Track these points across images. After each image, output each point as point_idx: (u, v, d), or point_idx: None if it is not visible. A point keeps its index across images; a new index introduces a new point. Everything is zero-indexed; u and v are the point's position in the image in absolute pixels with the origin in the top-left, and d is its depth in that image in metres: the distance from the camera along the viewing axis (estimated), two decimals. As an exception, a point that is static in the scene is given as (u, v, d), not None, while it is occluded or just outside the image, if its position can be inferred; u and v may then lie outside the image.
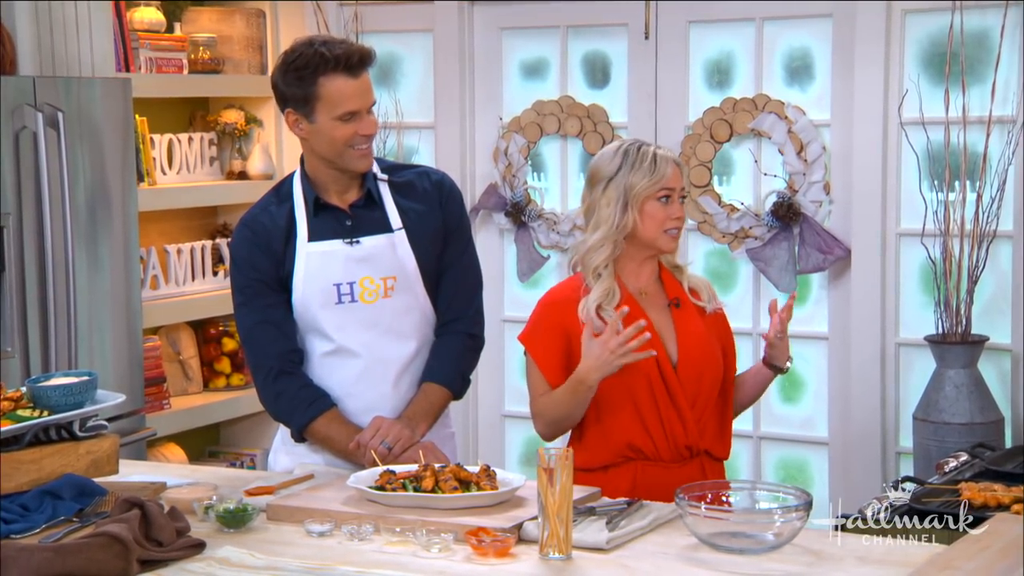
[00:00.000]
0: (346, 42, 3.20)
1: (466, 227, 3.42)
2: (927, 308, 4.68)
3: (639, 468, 3.22)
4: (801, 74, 4.91)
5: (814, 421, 4.98)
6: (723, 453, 3.31)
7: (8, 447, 2.69)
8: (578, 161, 5.27)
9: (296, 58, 3.15)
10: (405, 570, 2.44)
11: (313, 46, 3.15)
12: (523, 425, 5.42)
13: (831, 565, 2.45)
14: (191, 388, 5.34)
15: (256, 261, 3.25)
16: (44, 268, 4.17)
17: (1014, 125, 4.50)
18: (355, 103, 3.15)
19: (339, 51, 3.14)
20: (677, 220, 3.26)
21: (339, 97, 3.14)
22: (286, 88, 3.18)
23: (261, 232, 3.25)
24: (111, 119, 4.44)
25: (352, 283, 3.24)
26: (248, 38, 5.46)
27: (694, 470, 3.23)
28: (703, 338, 3.26)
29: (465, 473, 2.81)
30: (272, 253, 3.24)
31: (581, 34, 5.23)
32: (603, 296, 3.21)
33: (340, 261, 3.23)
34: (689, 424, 3.21)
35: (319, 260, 3.23)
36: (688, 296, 3.28)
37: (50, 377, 2.86)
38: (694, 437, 3.23)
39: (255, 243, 3.25)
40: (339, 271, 3.23)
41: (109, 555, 2.37)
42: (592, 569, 2.46)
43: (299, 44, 3.19)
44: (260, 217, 3.29)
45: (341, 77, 3.14)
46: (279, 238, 3.24)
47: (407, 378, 3.30)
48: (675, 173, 3.26)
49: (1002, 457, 3.75)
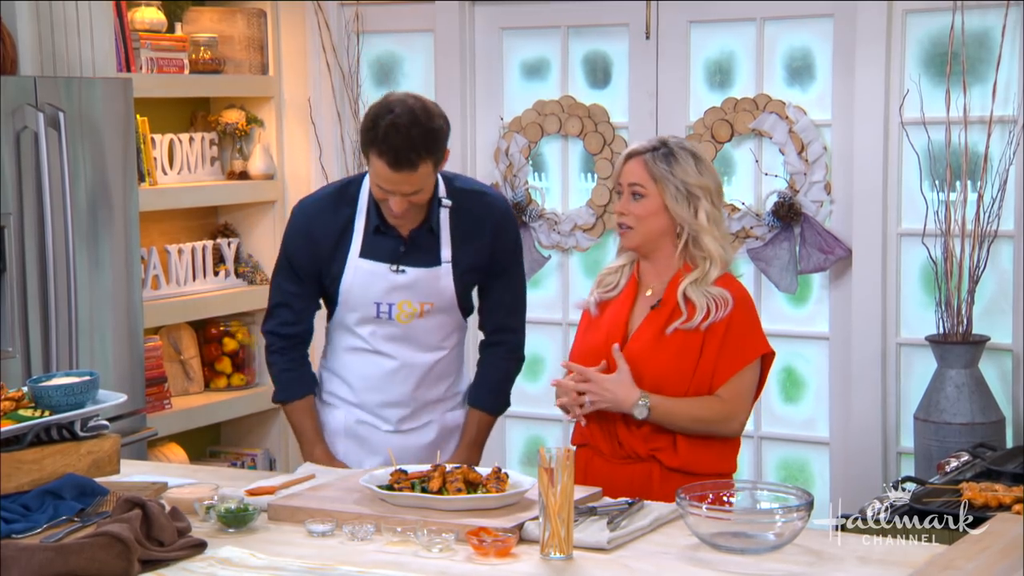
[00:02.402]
0: (408, 137, 3.24)
1: (518, 251, 3.61)
2: (928, 308, 4.68)
3: (588, 458, 3.27)
4: (802, 74, 4.91)
5: (815, 421, 4.98)
6: (682, 464, 3.22)
7: (9, 447, 2.69)
8: (579, 161, 5.28)
9: (371, 116, 3.31)
10: (406, 570, 2.44)
11: (384, 120, 3.26)
12: (524, 425, 5.42)
13: (832, 565, 2.46)
14: (192, 388, 5.34)
15: (299, 252, 3.48)
16: (45, 268, 4.17)
17: (1015, 125, 4.49)
18: (387, 186, 3.30)
19: (389, 143, 3.25)
20: (618, 215, 3.29)
21: (376, 174, 3.31)
22: (360, 128, 3.36)
23: (315, 232, 3.45)
24: (112, 119, 4.44)
25: (392, 304, 3.46)
26: (249, 38, 5.46)
27: (639, 474, 3.22)
28: (654, 342, 3.23)
29: (474, 475, 2.81)
30: (317, 253, 3.45)
31: (582, 34, 5.23)
32: (604, 276, 3.40)
33: (384, 283, 3.44)
34: (629, 421, 3.23)
35: (365, 277, 3.43)
36: (679, 300, 3.25)
37: (51, 377, 2.86)
38: (624, 435, 3.23)
39: (306, 238, 3.46)
40: (381, 292, 3.44)
41: (110, 555, 2.38)
42: (593, 569, 2.47)
43: (388, 103, 3.31)
44: (319, 215, 3.45)
45: (382, 161, 3.26)
46: (330, 244, 3.44)
47: (430, 379, 3.54)
48: (627, 168, 3.28)
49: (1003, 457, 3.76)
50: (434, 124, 3.28)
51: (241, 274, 5.47)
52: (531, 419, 5.40)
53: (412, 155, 3.24)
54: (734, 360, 3.22)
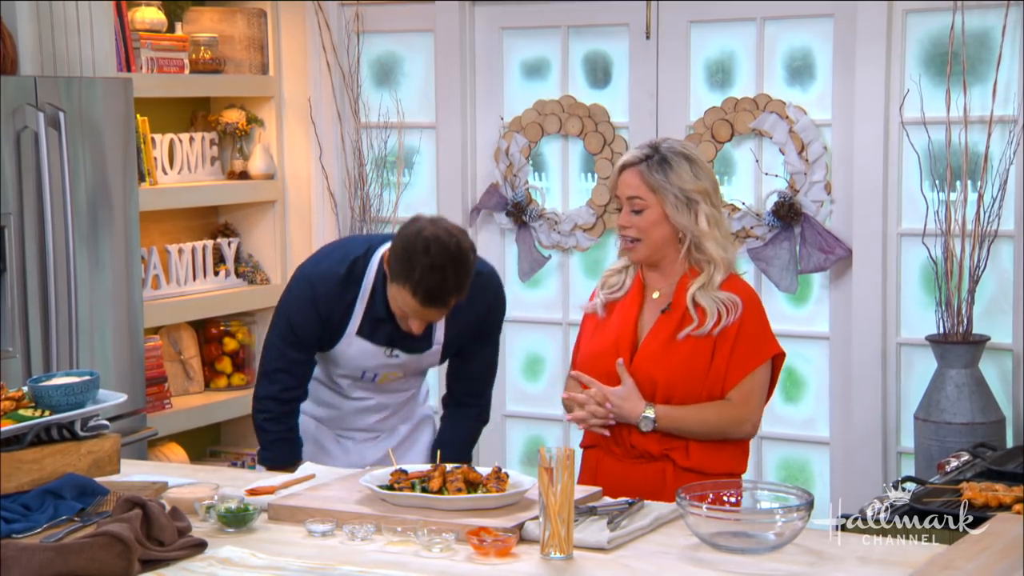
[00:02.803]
0: (444, 280, 3.27)
1: (499, 326, 3.69)
2: (928, 308, 4.68)
3: (600, 457, 3.28)
4: (802, 74, 4.91)
5: (815, 421, 4.98)
6: (694, 464, 3.24)
7: (9, 447, 2.69)
8: (579, 161, 5.27)
9: (409, 249, 3.29)
10: (406, 570, 2.44)
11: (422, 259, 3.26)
12: (524, 425, 5.43)
13: (832, 565, 2.45)
14: (192, 388, 5.34)
15: (307, 324, 3.51)
16: (45, 268, 4.17)
17: (1015, 125, 4.49)
18: (413, 316, 3.37)
19: (425, 286, 3.27)
20: (620, 229, 3.28)
21: (403, 302, 3.35)
22: (393, 245, 3.36)
23: (321, 308, 3.48)
24: (112, 119, 4.44)
25: (377, 373, 3.59)
26: (249, 38, 5.46)
27: (651, 473, 3.23)
28: (665, 346, 3.24)
29: (474, 475, 2.81)
30: (322, 325, 3.51)
31: (582, 34, 5.22)
32: (608, 276, 3.39)
33: (375, 360, 3.55)
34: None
35: (358, 350, 3.55)
36: (688, 305, 3.25)
37: (51, 377, 2.86)
38: (638, 437, 3.24)
39: (314, 310, 3.49)
40: (370, 365, 3.56)
41: (110, 555, 2.37)
42: (593, 569, 2.46)
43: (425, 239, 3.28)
44: (326, 294, 3.48)
45: (415, 300, 3.31)
46: (335, 320, 3.50)
47: (396, 408, 3.73)
48: (623, 180, 3.25)
49: (1003, 457, 3.75)
50: (468, 262, 3.33)
51: (241, 274, 5.47)
52: (531, 419, 5.40)
53: (447, 297, 3.32)
54: (745, 363, 3.23)
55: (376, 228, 5.44)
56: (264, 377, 3.59)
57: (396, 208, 5.48)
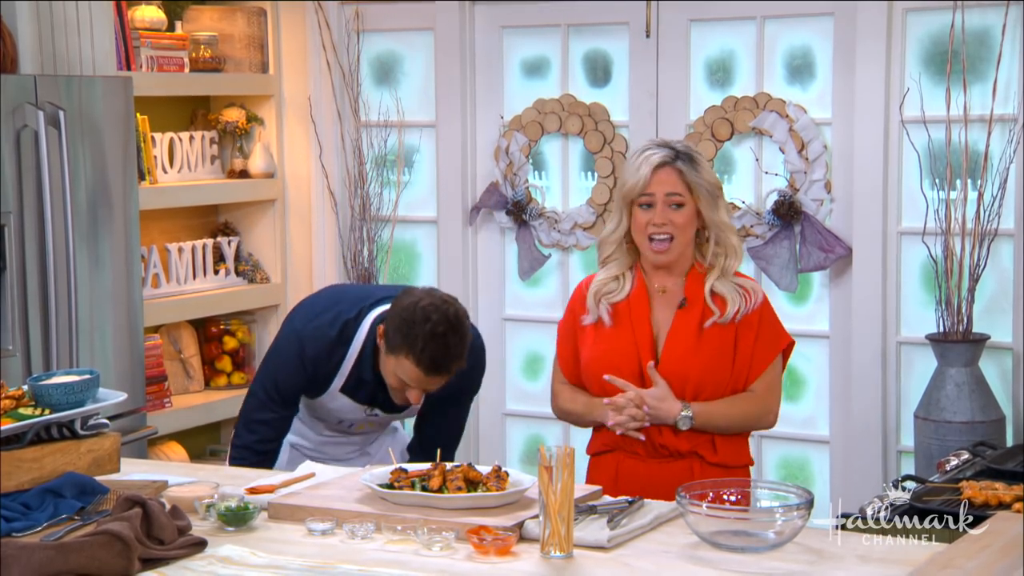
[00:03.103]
0: (446, 347, 3.30)
1: (475, 390, 3.68)
2: (928, 307, 4.67)
3: (620, 460, 3.27)
4: (802, 72, 4.91)
5: (815, 420, 4.98)
6: (722, 459, 3.27)
7: (9, 445, 2.69)
8: (579, 160, 5.27)
9: (407, 320, 3.30)
10: (406, 568, 2.44)
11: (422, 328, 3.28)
12: (524, 423, 5.42)
13: (832, 564, 2.45)
14: (192, 387, 5.34)
15: (293, 379, 3.55)
16: (45, 266, 4.17)
17: (1015, 123, 4.49)
18: (414, 385, 3.37)
19: (428, 354, 3.28)
20: (656, 228, 3.24)
21: (404, 373, 3.35)
22: (389, 316, 3.36)
23: (308, 366, 3.51)
24: (112, 117, 4.44)
25: (354, 423, 3.64)
26: (249, 36, 5.46)
27: (679, 470, 3.23)
28: (691, 342, 3.24)
29: (474, 473, 2.81)
30: (308, 381, 3.55)
31: (582, 33, 5.22)
32: (605, 284, 3.32)
33: (355, 416, 3.61)
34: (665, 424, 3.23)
35: (339, 406, 3.59)
36: (706, 298, 3.27)
37: (51, 375, 2.86)
38: (668, 437, 3.23)
39: (301, 367, 3.52)
40: (349, 417, 3.61)
41: (110, 553, 2.37)
42: (593, 567, 2.46)
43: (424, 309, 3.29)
44: (317, 355, 3.50)
45: (418, 369, 3.32)
46: (320, 378, 3.52)
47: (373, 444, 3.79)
48: (656, 178, 3.23)
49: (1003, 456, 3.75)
50: (466, 328, 3.36)
51: (241, 273, 5.47)
52: (531, 418, 5.39)
53: (450, 364, 3.33)
54: (768, 351, 3.29)
55: (376, 227, 5.44)
56: (244, 426, 3.61)
57: (396, 206, 5.48)
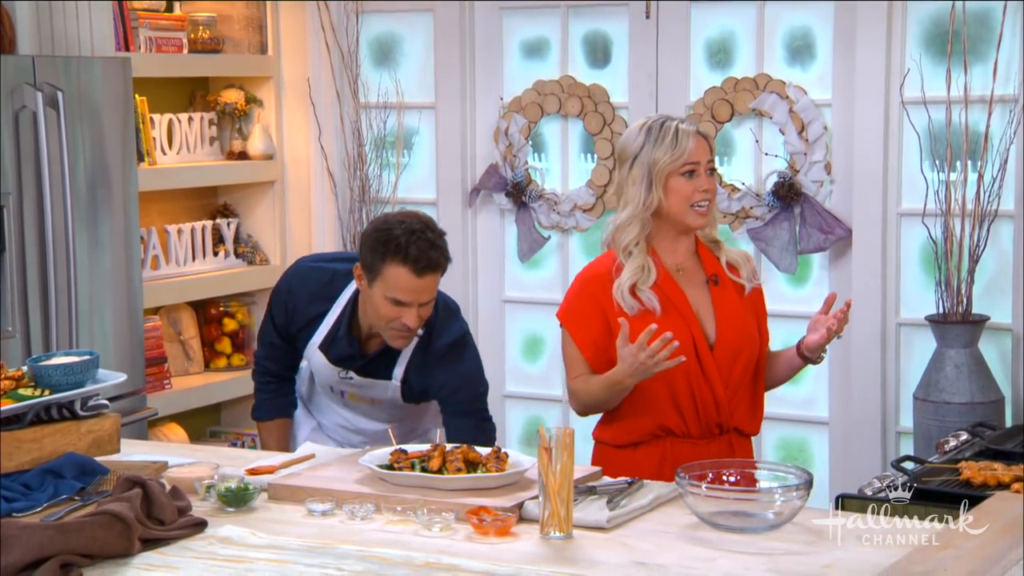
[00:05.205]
0: (428, 240, 3.31)
1: (463, 348, 3.56)
2: (928, 288, 4.67)
3: (668, 445, 3.25)
4: (802, 53, 4.90)
5: (815, 401, 4.98)
6: (753, 429, 3.35)
7: (9, 426, 2.69)
8: (579, 141, 5.27)
9: (381, 230, 3.33)
10: (406, 549, 2.44)
11: (398, 229, 3.31)
12: (524, 405, 5.43)
13: (831, 544, 2.46)
14: (192, 368, 5.34)
15: (281, 313, 3.62)
16: (44, 248, 4.17)
17: (1016, 104, 4.49)
18: (407, 296, 3.33)
19: (415, 249, 3.28)
20: (704, 193, 3.24)
21: (395, 284, 3.32)
22: (363, 248, 3.37)
23: (295, 305, 3.58)
24: (111, 99, 4.43)
25: (343, 392, 3.62)
26: (248, 17, 5.44)
27: (722, 446, 3.27)
28: (741, 317, 3.27)
29: (474, 454, 2.81)
30: (292, 321, 3.59)
31: (582, 14, 5.21)
32: (636, 274, 3.23)
33: (333, 378, 3.58)
34: (722, 403, 3.23)
35: (319, 364, 3.59)
36: (726, 272, 3.29)
37: (51, 356, 2.86)
38: (725, 415, 3.26)
39: (288, 303, 3.59)
40: (332, 382, 3.60)
41: (111, 534, 2.38)
42: (593, 548, 2.47)
43: (392, 219, 3.37)
44: (303, 292, 3.56)
45: (405, 269, 3.30)
46: (300, 323, 3.56)
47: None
48: (698, 146, 3.24)
49: (1002, 436, 3.76)
50: (438, 228, 3.39)
51: (241, 254, 5.47)
52: (530, 399, 5.40)
53: (437, 257, 3.32)
54: (764, 311, 3.40)
55: (376, 209, 5.44)
56: (259, 343, 3.79)
57: (396, 188, 5.47)
